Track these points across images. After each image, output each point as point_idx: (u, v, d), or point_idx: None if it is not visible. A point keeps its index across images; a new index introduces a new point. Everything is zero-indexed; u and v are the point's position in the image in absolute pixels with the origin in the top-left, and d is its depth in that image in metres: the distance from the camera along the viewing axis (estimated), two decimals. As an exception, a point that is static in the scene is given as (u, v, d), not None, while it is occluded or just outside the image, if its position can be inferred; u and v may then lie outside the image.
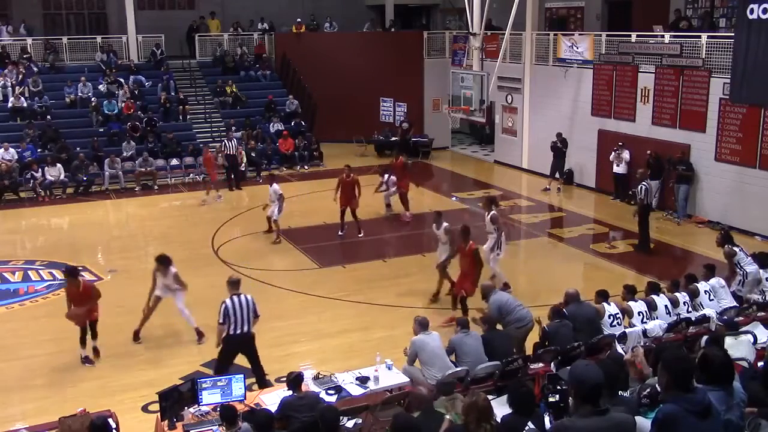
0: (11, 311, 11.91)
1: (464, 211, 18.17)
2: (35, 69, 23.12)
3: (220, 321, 8.49)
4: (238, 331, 8.51)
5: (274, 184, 15.41)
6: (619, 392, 5.49)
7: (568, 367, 4.74)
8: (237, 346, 8.63)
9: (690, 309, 9.35)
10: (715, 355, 4.69)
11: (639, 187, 14.17)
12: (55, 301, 12.23)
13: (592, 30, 21.38)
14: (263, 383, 8.60)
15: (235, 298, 8.54)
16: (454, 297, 11.34)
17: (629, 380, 6.36)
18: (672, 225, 16.22)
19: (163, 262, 10.53)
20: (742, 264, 10.17)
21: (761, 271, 10.11)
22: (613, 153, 18.10)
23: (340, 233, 15.38)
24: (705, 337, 7.67)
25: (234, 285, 8.73)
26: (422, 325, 8.15)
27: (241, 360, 9.71)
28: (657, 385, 4.93)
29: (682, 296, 9.39)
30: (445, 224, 11.87)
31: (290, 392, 6.99)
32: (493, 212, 12.08)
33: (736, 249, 10.30)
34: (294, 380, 7.00)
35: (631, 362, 6.41)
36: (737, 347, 7.16)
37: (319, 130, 24.19)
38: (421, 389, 6.53)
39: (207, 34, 26.61)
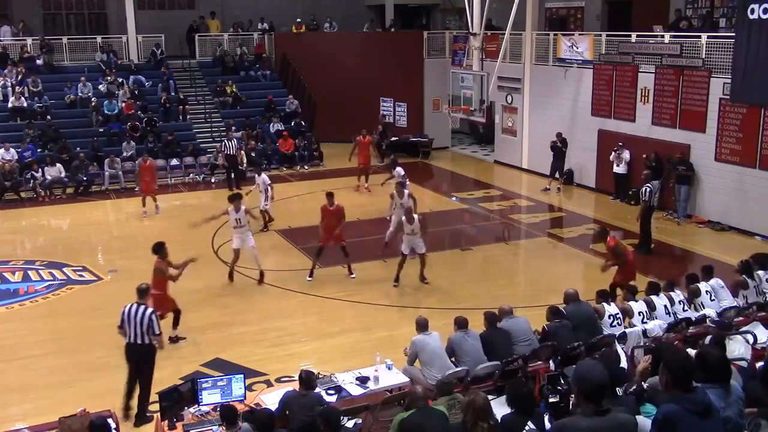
0: (11, 311, 11.90)
1: (464, 211, 18.20)
2: (38, 63, 23.18)
3: (119, 324, 8.38)
4: (130, 341, 8.31)
5: (263, 174, 16.08)
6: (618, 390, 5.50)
7: (574, 366, 4.74)
8: (130, 356, 8.37)
9: (686, 308, 9.35)
10: (711, 354, 4.73)
11: (642, 189, 14.16)
12: (55, 301, 12.27)
13: (592, 30, 21.37)
14: (142, 408, 8.30)
15: (134, 306, 8.33)
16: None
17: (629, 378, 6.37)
18: (672, 225, 16.22)
19: (235, 198, 12.78)
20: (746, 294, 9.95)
21: (761, 272, 10.06)
22: (613, 153, 18.11)
23: (308, 278, 13.02)
24: (709, 338, 7.67)
25: (139, 293, 8.56)
26: (422, 326, 8.15)
27: (240, 360, 9.78)
28: (659, 384, 4.94)
29: (677, 295, 9.40)
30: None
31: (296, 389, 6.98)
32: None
33: (750, 282, 9.82)
34: (306, 379, 6.96)
35: (640, 371, 6.39)
36: (735, 347, 7.18)
37: (319, 130, 24.20)
38: (417, 388, 6.53)
39: (207, 34, 26.60)
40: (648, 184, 14.11)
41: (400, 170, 16.62)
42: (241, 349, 10.21)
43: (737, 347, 7.23)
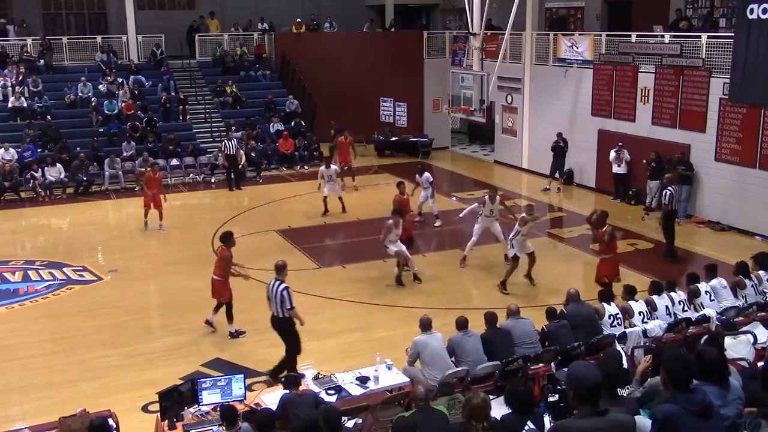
0: (11, 311, 11.90)
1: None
2: (38, 64, 23.21)
3: (266, 296, 9.21)
4: (273, 313, 9.16)
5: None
6: (618, 390, 5.49)
7: (565, 369, 4.74)
8: (273, 327, 9.30)
9: (686, 308, 9.35)
10: (708, 352, 4.74)
11: (663, 192, 14.00)
12: (55, 301, 12.27)
13: (592, 30, 21.37)
14: (278, 369, 8.95)
15: (271, 282, 9.10)
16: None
17: (630, 378, 6.37)
18: (672, 225, 16.20)
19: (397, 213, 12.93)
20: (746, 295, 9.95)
21: (761, 272, 10.07)
22: (613, 153, 18.10)
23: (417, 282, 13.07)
24: (705, 336, 7.68)
25: (276, 269, 9.21)
26: (425, 325, 8.14)
27: (240, 360, 9.79)
28: (659, 385, 4.95)
29: (677, 295, 9.39)
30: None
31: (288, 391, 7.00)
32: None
33: (747, 282, 9.84)
34: (290, 380, 7.01)
35: (641, 371, 6.40)
36: (737, 347, 7.17)
37: (319, 130, 24.19)
38: (420, 388, 6.53)
39: (207, 34, 26.58)
40: (669, 188, 13.88)
41: (428, 176, 16.33)
42: (241, 349, 10.22)
43: (740, 347, 7.22)
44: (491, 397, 5.67)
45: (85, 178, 19.62)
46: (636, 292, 9.35)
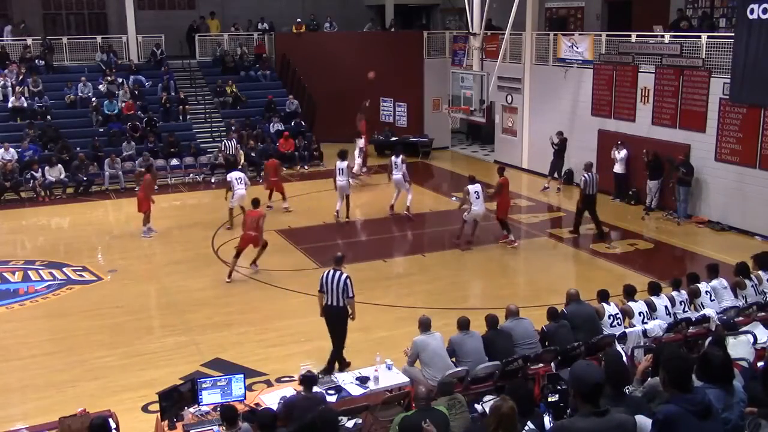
0: (11, 311, 11.89)
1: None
2: (38, 64, 23.24)
3: (318, 289, 9.27)
4: (328, 302, 9.20)
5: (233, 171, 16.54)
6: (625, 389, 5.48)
7: (569, 368, 4.73)
8: (327, 316, 9.32)
9: (687, 308, 9.35)
10: (715, 355, 4.71)
11: (581, 178, 15.27)
12: (55, 301, 12.27)
13: (592, 30, 21.37)
14: (330, 364, 9.11)
15: (331, 272, 9.17)
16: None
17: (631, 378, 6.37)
18: (672, 225, 16.22)
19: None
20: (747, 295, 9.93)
21: (761, 272, 10.07)
22: (613, 150, 18.14)
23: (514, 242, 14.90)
24: (709, 338, 7.67)
25: (336, 261, 9.40)
26: (424, 325, 8.14)
27: (240, 360, 9.79)
28: (659, 385, 4.94)
29: (678, 295, 9.39)
30: None
31: (297, 392, 6.99)
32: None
33: (748, 283, 9.82)
34: (307, 380, 7.00)
35: (641, 370, 6.39)
36: (737, 347, 7.17)
37: (319, 130, 24.20)
38: (421, 388, 6.53)
39: (207, 34, 26.60)
40: (584, 174, 15.03)
41: (340, 164, 16.65)
42: (241, 349, 10.21)
43: (740, 347, 7.22)
44: (491, 397, 5.68)
45: (85, 178, 19.61)
46: (635, 292, 9.35)
